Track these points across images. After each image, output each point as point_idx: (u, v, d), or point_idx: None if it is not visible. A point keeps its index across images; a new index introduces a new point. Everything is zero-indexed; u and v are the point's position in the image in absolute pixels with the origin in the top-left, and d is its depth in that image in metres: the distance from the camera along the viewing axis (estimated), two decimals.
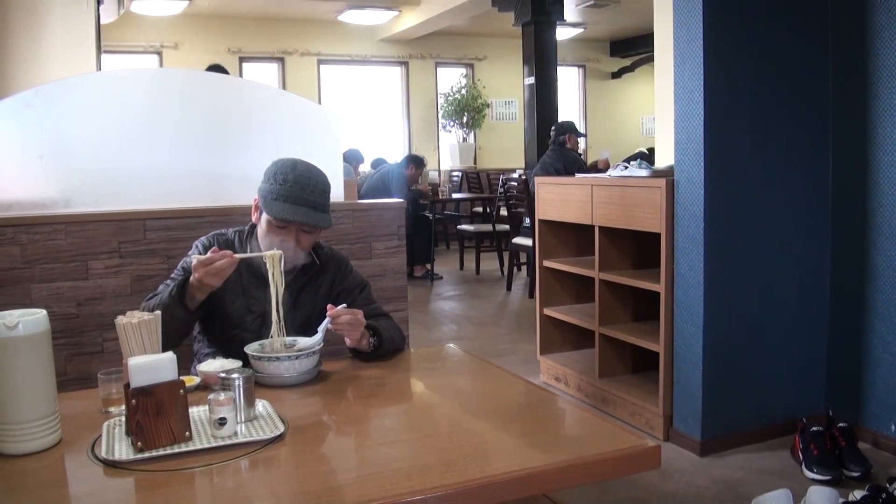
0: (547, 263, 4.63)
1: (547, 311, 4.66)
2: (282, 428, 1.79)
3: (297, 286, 2.50)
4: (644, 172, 3.84)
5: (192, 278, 2.27)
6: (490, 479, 1.55)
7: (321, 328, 2.27)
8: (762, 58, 3.49)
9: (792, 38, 3.55)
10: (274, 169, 2.38)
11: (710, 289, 3.45)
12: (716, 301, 3.47)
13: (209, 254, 2.24)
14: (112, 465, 1.64)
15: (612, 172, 4.16)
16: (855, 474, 3.19)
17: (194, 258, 2.35)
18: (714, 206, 3.42)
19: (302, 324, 2.44)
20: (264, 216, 2.40)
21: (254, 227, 2.52)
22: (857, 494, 2.90)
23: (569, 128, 7.65)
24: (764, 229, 3.55)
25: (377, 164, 9.70)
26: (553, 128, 7.79)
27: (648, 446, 1.71)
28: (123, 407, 1.82)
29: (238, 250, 2.47)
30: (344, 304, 2.32)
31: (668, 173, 3.69)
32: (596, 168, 9.53)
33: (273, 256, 2.29)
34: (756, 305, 3.57)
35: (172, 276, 2.51)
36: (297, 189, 2.33)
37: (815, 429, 3.34)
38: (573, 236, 4.65)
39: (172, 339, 2.18)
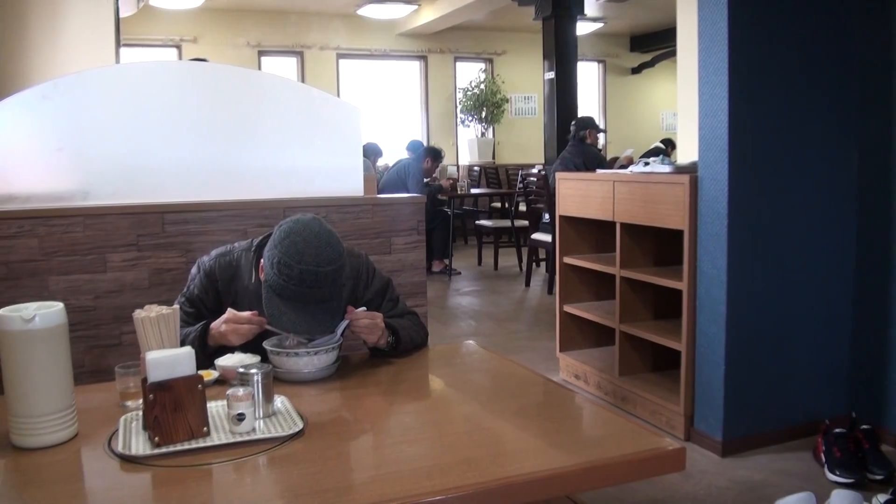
0: (567, 260, 4.60)
1: (567, 308, 4.62)
2: (300, 424, 1.77)
3: None
4: (667, 168, 3.80)
5: (215, 325, 2.23)
6: (513, 479, 1.52)
7: (339, 327, 2.25)
8: (788, 52, 3.44)
9: (818, 32, 3.49)
10: (279, 255, 2.13)
11: (733, 287, 3.40)
12: (739, 299, 3.42)
13: (247, 314, 2.20)
14: (129, 460, 1.63)
15: (633, 168, 4.12)
16: (878, 477, 3.13)
17: (196, 283, 2.36)
18: (738, 202, 3.37)
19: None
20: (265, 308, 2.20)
21: (262, 246, 2.34)
22: (881, 498, 2.85)
23: (589, 123, 7.60)
24: (788, 227, 3.50)
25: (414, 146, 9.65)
26: (573, 123, 7.74)
27: (673, 448, 1.68)
28: (141, 401, 1.81)
29: (245, 275, 2.39)
30: (364, 308, 2.29)
31: (691, 169, 3.65)
32: (617, 164, 9.48)
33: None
34: (779, 304, 3.52)
35: (180, 301, 2.42)
36: (303, 288, 2.12)
37: (837, 431, 3.29)
38: (594, 232, 4.60)
39: None
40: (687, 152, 5.62)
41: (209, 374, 2.12)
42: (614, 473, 1.64)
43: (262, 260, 2.25)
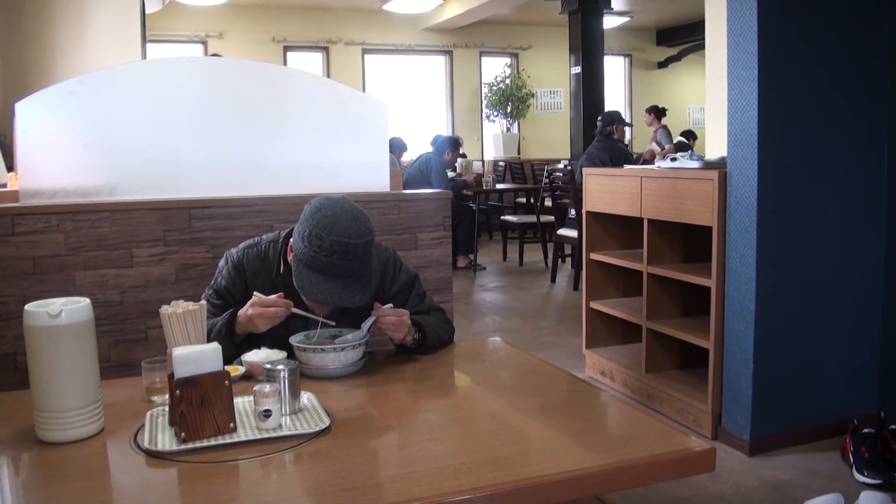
0: (594, 256, 4.57)
1: (593, 305, 4.60)
2: (327, 421, 1.76)
3: None
4: (695, 164, 3.76)
5: (241, 311, 2.22)
6: (541, 479, 1.50)
7: (365, 324, 2.24)
8: (818, 45, 3.39)
9: (848, 24, 3.44)
10: (310, 227, 2.14)
11: (762, 284, 3.36)
12: (768, 297, 3.38)
13: (274, 297, 2.18)
14: (155, 456, 1.63)
15: (661, 164, 4.08)
16: None
17: (224, 274, 2.36)
18: (767, 199, 3.33)
19: (351, 326, 2.34)
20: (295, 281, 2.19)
21: (289, 237, 2.35)
22: None
23: (616, 118, 7.55)
24: (818, 224, 3.45)
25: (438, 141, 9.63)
26: (600, 118, 7.69)
27: (703, 449, 1.65)
28: (167, 396, 1.81)
29: (272, 266, 2.38)
30: (391, 304, 2.28)
31: (720, 165, 3.61)
32: (643, 159, 9.41)
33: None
34: (808, 302, 3.48)
35: (207, 294, 2.42)
36: (333, 259, 2.11)
37: (866, 431, 3.24)
38: (621, 228, 4.57)
39: None
40: (715, 147, 5.57)
41: (236, 370, 2.12)
42: (643, 474, 1.62)
43: (290, 240, 2.26)
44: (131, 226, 3.03)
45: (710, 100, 6.07)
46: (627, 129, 8.11)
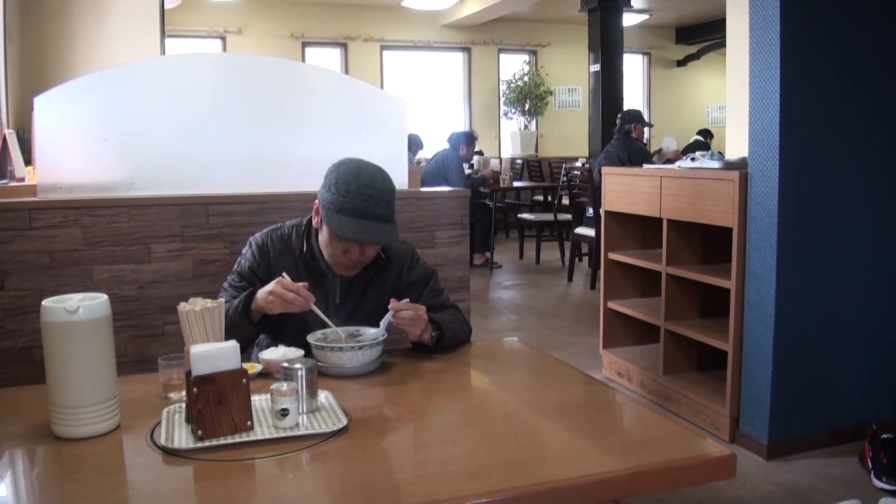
0: (612, 256, 4.54)
1: (611, 305, 4.57)
2: (344, 421, 1.75)
3: (364, 280, 2.45)
4: (716, 164, 3.73)
5: (260, 291, 2.23)
6: (560, 483, 1.49)
7: (383, 322, 2.23)
8: (842, 44, 3.35)
9: (874, 23, 3.40)
10: (335, 176, 2.25)
11: (783, 287, 3.33)
12: (787, 300, 3.35)
13: (301, 284, 2.20)
14: (171, 453, 1.62)
15: (681, 164, 4.05)
16: None
17: (248, 256, 2.40)
18: (789, 200, 3.29)
19: (368, 316, 2.39)
20: (326, 227, 2.30)
21: (311, 220, 2.43)
22: None
23: (635, 117, 7.51)
24: (840, 226, 3.41)
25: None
26: (619, 116, 7.65)
27: (723, 454, 1.63)
28: (184, 393, 1.80)
29: (295, 248, 2.43)
30: (407, 299, 2.27)
31: (740, 165, 3.58)
32: (661, 155, 9.37)
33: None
34: (829, 305, 3.44)
35: (229, 280, 2.46)
36: (360, 201, 2.20)
37: (885, 436, 3.20)
38: (639, 228, 4.54)
39: None
40: (736, 148, 5.53)
41: (253, 367, 2.11)
42: (663, 479, 1.60)
43: (313, 219, 2.38)
44: (149, 221, 3.03)
45: (730, 99, 6.03)
46: (647, 128, 8.02)
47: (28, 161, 3.74)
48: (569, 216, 8.08)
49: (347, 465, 1.59)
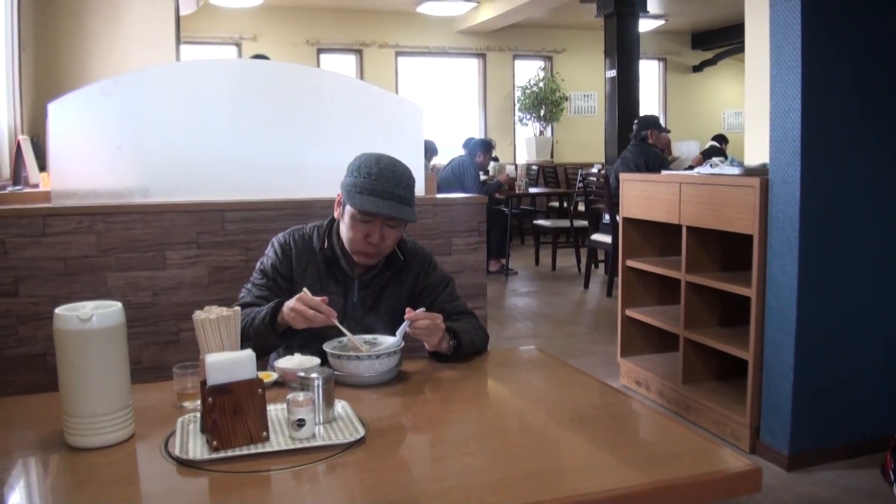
0: (630, 263, 4.50)
1: (629, 312, 4.53)
2: (362, 431, 1.71)
3: (382, 282, 2.45)
4: (736, 171, 3.69)
5: (285, 306, 2.22)
6: (582, 497, 1.45)
7: (399, 331, 2.20)
8: (864, 48, 3.30)
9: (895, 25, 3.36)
10: (357, 163, 2.32)
11: (804, 295, 3.28)
12: (809, 308, 3.30)
13: (320, 299, 2.18)
14: (186, 464, 1.59)
15: (700, 170, 4.01)
16: None
17: (270, 254, 2.42)
18: (811, 207, 3.25)
19: (385, 320, 2.39)
20: (348, 210, 2.33)
21: (332, 221, 2.47)
22: None
23: (652, 122, 7.46)
24: (863, 234, 3.36)
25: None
26: (635, 122, 7.61)
27: (749, 468, 1.59)
28: (198, 402, 1.78)
29: (316, 245, 2.45)
30: (423, 308, 2.25)
31: (761, 172, 3.53)
32: (689, 165, 9.31)
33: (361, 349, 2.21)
34: (851, 314, 3.39)
35: (252, 280, 2.47)
36: (381, 182, 2.26)
37: None
38: (658, 235, 4.50)
39: (258, 356, 2.12)
40: (756, 154, 5.48)
41: (269, 376, 2.08)
42: (687, 494, 1.56)
43: (335, 222, 2.43)
44: (164, 228, 3.01)
45: (749, 105, 5.99)
46: (665, 135, 7.96)
47: (42, 167, 3.74)
48: (585, 223, 8.05)
49: (365, 478, 1.56)
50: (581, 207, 8.49)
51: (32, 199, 3.15)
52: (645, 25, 11.83)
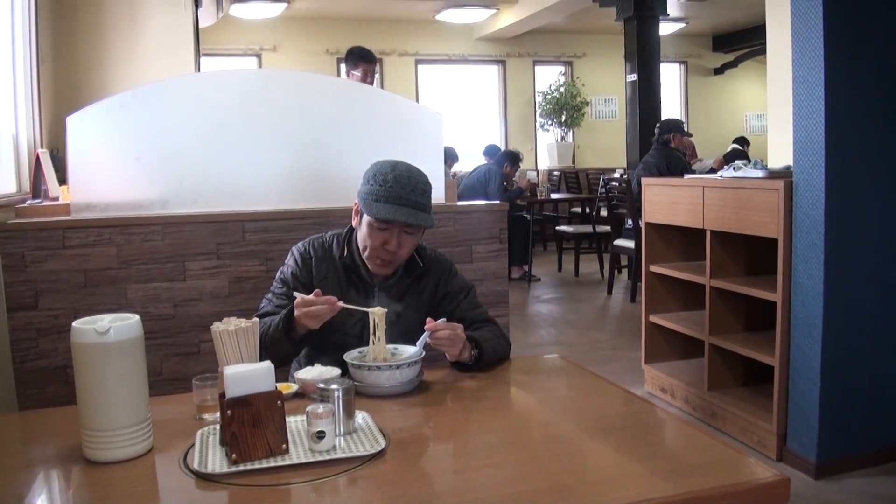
0: (654, 268, 4.45)
1: (653, 318, 4.48)
2: (383, 443, 1.69)
3: (402, 287, 2.44)
4: (760, 173, 3.64)
5: (295, 313, 2.21)
6: None
7: (420, 342, 2.18)
8: (888, 49, 3.25)
9: None
10: (373, 171, 2.32)
11: (831, 299, 3.23)
12: (836, 313, 3.24)
13: (311, 296, 2.18)
14: (204, 478, 1.57)
15: (723, 173, 3.96)
16: None
17: (290, 263, 2.40)
18: (836, 209, 3.20)
19: (406, 328, 2.37)
20: (365, 218, 2.32)
21: (352, 230, 2.45)
22: None
23: (674, 126, 7.40)
24: (889, 236, 3.31)
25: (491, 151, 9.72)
26: (657, 126, 7.55)
27: (777, 479, 1.55)
28: (218, 414, 1.76)
29: (336, 253, 2.44)
30: (444, 319, 2.22)
31: (785, 174, 3.48)
32: (710, 167, 9.24)
33: (377, 313, 2.19)
34: (878, 318, 3.34)
35: (272, 289, 2.47)
36: (397, 189, 2.25)
37: None
38: (681, 240, 4.45)
39: (278, 365, 2.10)
40: (779, 156, 5.42)
41: (288, 388, 2.06)
42: None
43: (353, 232, 2.42)
44: (184, 239, 3.01)
45: (772, 107, 5.92)
46: (687, 139, 7.89)
47: (62, 180, 3.74)
48: (607, 228, 8.00)
49: (386, 491, 1.54)
50: (603, 212, 8.45)
51: (52, 212, 3.15)
52: (665, 28, 11.76)
